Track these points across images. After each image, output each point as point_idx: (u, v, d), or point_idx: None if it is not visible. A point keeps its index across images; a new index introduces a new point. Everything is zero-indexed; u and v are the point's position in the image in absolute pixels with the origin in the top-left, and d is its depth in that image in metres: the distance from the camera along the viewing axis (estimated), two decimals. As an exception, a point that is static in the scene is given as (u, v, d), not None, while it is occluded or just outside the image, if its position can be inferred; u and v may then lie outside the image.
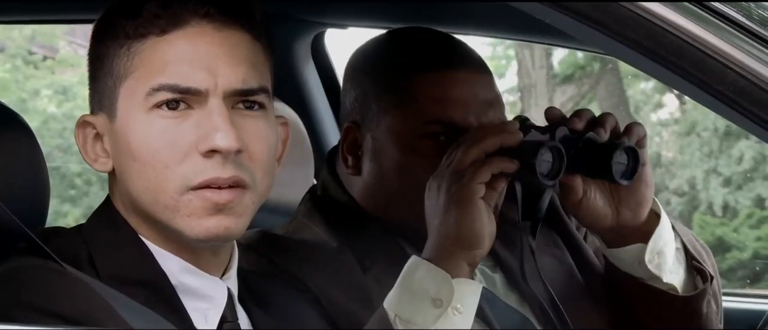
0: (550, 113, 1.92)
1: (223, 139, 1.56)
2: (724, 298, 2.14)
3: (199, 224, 1.58)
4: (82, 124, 1.66)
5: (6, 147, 1.75)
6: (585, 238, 2.21)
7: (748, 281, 11.94)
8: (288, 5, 2.60)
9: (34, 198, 1.78)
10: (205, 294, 1.64)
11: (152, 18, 1.61)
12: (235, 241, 1.70)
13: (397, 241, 2.03)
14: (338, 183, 2.09)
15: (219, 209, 1.58)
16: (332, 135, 2.77)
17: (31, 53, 13.54)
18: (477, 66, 2.06)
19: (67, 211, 11.29)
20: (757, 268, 12.20)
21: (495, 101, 2.03)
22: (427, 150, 2.00)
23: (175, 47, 1.60)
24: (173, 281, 1.63)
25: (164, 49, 1.60)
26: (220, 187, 1.58)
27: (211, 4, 1.61)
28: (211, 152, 1.57)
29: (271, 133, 1.64)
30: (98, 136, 1.65)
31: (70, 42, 14.69)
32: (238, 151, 1.58)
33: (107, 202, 1.68)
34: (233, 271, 1.69)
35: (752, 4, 1.51)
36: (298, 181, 2.14)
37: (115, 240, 1.64)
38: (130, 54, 1.61)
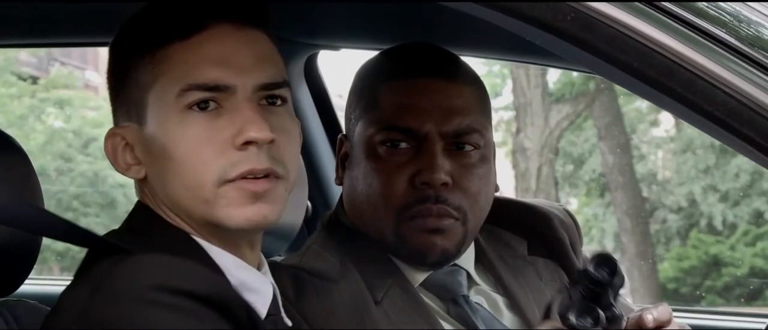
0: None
1: (258, 131, 1.61)
2: (719, 317, 2.13)
3: (238, 213, 1.63)
4: (111, 135, 1.71)
5: (-1, 170, 1.75)
6: None
7: (743, 299, 11.93)
8: (281, 27, 2.60)
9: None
10: (254, 287, 1.69)
11: (173, 25, 1.66)
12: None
13: (393, 261, 2.04)
14: (343, 205, 2.11)
15: (257, 197, 1.63)
16: (325, 156, 2.78)
17: (21, 77, 13.54)
18: (445, 74, 2.04)
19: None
20: (751, 287, 12.19)
21: (465, 111, 2.02)
22: (385, 156, 2.01)
23: (200, 49, 1.65)
24: (230, 277, 1.66)
25: (189, 52, 1.65)
26: (256, 178, 1.62)
27: (230, 7, 1.67)
28: (247, 144, 1.62)
29: (294, 126, 1.70)
30: (127, 146, 1.70)
31: (64, 63, 14.69)
32: (272, 142, 1.63)
33: (145, 212, 1.71)
34: (266, 267, 1.74)
35: (741, 23, 1.51)
36: (291, 202, 2.13)
37: (164, 242, 1.67)
38: (154, 62, 1.66)
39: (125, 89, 1.70)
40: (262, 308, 1.68)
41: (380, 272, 2.01)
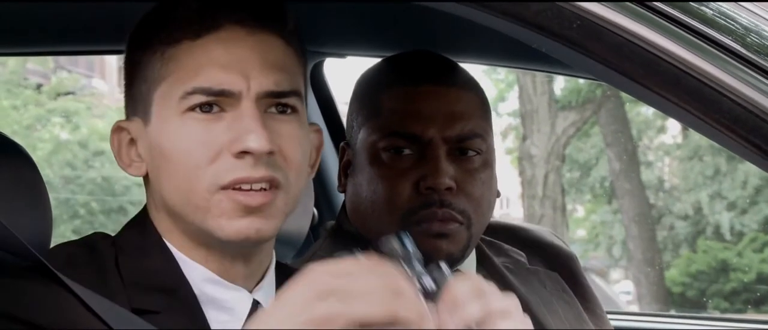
0: None
1: (256, 141, 1.57)
2: (725, 323, 2.14)
3: (229, 225, 1.59)
4: (117, 129, 1.69)
5: (7, 177, 1.75)
6: None
7: (749, 306, 11.92)
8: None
9: (35, 228, 1.78)
10: (229, 306, 1.64)
11: (185, 23, 1.63)
12: (273, 256, 1.72)
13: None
14: (346, 213, 2.11)
15: (250, 211, 1.59)
16: (331, 164, 2.78)
17: (25, 79, 13.56)
18: (447, 79, 2.06)
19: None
20: (758, 294, 12.19)
21: (467, 116, 2.03)
22: (389, 163, 2.01)
23: (209, 51, 1.62)
24: (196, 290, 1.63)
25: (198, 53, 1.62)
26: (251, 189, 1.58)
27: (244, 9, 1.63)
28: (243, 153, 1.58)
29: (303, 136, 1.65)
30: (132, 142, 1.68)
31: (70, 71, 14.72)
32: (271, 153, 1.58)
33: (143, 210, 1.71)
34: (266, 284, 1.69)
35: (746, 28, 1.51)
36: (297, 210, 2.14)
37: (142, 245, 1.66)
38: (163, 59, 1.64)
39: (134, 84, 1.68)
40: (230, 325, 1.64)
41: None
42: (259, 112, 1.60)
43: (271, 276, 1.70)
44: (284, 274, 1.73)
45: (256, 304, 1.66)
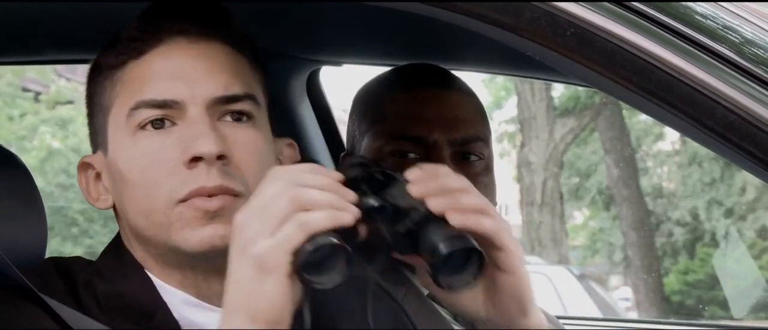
0: None
1: (205, 145, 1.54)
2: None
3: (193, 235, 1.56)
4: (83, 166, 1.67)
5: (1, 186, 1.75)
6: None
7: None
8: (284, 43, 2.61)
9: (31, 238, 1.78)
10: (208, 327, 1.61)
11: (129, 43, 1.61)
12: None
13: (402, 271, 2.05)
14: None
15: (211, 217, 1.55)
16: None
17: (24, 90, 13.57)
18: (449, 85, 2.09)
19: (69, 252, 11.34)
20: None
21: (469, 120, 2.05)
22: (395, 167, 2.02)
23: (152, 65, 1.60)
24: (176, 315, 1.61)
25: (142, 69, 1.60)
26: (209, 195, 1.55)
27: (185, 19, 1.61)
28: (195, 161, 1.55)
29: (262, 143, 1.62)
30: (98, 176, 1.66)
31: (69, 79, 14.71)
32: (221, 157, 1.55)
33: (117, 236, 1.68)
34: None
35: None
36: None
37: (119, 271, 1.63)
38: (112, 84, 1.62)
39: (93, 115, 1.67)
40: None
41: (394, 279, 2.03)
42: (210, 119, 1.57)
43: None
44: None
45: None
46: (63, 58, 3.04)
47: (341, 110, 2.98)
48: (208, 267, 1.60)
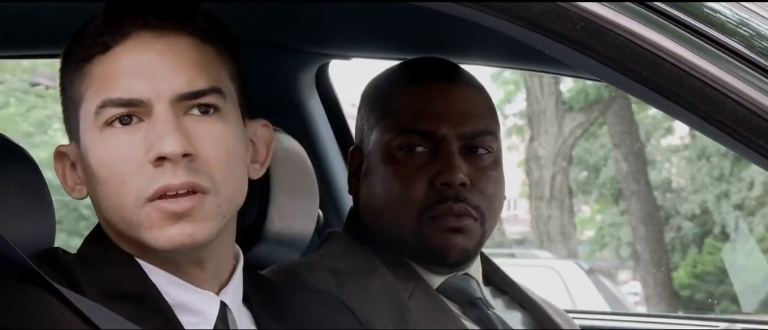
0: None
1: (169, 145, 1.54)
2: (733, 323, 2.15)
3: (161, 235, 1.57)
4: (58, 155, 1.68)
5: (10, 180, 1.75)
6: None
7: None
8: (293, 38, 2.61)
9: (39, 232, 1.79)
10: (196, 308, 1.63)
11: (96, 37, 1.61)
12: (239, 258, 1.70)
13: (411, 265, 2.05)
14: (356, 215, 2.12)
15: (178, 217, 1.56)
16: (337, 166, 2.78)
17: (34, 85, 13.57)
18: (458, 79, 2.09)
19: (76, 246, 11.34)
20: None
21: (478, 114, 2.06)
22: (403, 161, 2.03)
23: (118, 62, 1.59)
24: (166, 297, 1.62)
25: (108, 65, 1.60)
26: (176, 195, 1.56)
27: (151, 12, 1.60)
28: (160, 160, 1.55)
29: (230, 135, 1.61)
30: (74, 165, 1.67)
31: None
32: (187, 155, 1.55)
33: (98, 226, 1.69)
34: (232, 286, 1.67)
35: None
36: (303, 213, 2.14)
37: (105, 257, 1.64)
38: (81, 77, 1.62)
39: (66, 106, 1.67)
40: (203, 326, 1.62)
41: (403, 275, 2.03)
42: (175, 116, 1.57)
43: (237, 278, 1.69)
44: (253, 277, 1.74)
45: (223, 306, 1.65)
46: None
47: (350, 104, 2.98)
48: (186, 259, 1.62)
